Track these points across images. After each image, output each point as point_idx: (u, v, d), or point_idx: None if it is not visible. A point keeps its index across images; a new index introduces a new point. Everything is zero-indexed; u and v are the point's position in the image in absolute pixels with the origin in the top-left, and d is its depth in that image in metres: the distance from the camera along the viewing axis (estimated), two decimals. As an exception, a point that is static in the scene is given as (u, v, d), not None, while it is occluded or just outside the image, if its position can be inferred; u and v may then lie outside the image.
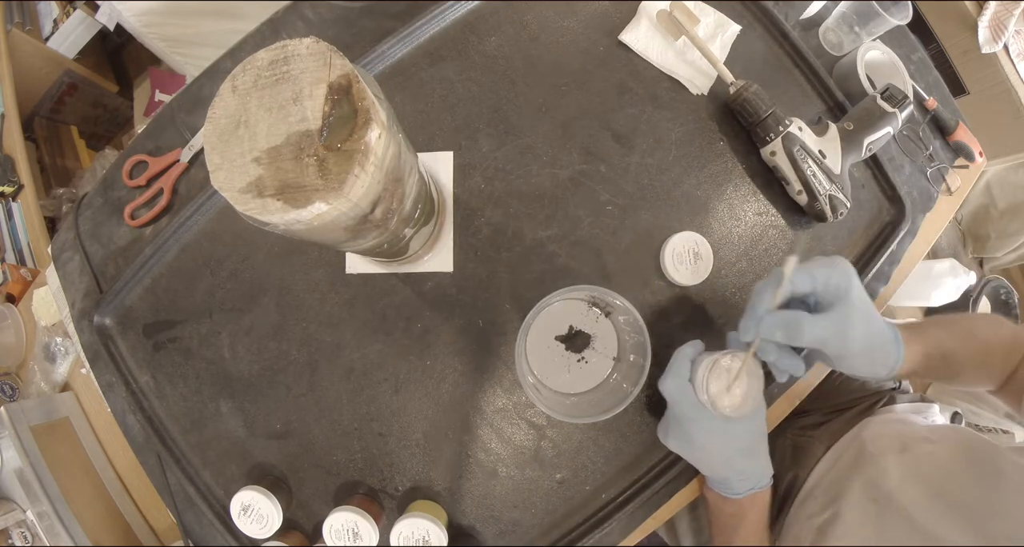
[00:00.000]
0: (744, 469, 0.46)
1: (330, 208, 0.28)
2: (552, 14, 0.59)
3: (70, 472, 0.61)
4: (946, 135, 0.62)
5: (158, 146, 0.61)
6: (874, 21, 0.56)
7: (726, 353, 0.43)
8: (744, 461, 0.46)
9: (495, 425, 0.53)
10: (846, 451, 0.56)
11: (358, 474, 0.53)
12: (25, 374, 0.68)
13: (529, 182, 0.55)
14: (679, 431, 0.45)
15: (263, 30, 0.61)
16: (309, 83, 0.29)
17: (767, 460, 0.48)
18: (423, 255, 0.54)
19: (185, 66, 1.18)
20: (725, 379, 0.42)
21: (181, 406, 0.56)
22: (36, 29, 1.21)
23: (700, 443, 0.45)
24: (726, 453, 0.45)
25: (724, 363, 0.42)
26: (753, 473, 0.47)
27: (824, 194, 0.52)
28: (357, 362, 0.54)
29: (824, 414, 0.65)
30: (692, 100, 0.57)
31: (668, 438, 0.47)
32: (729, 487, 0.47)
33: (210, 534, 0.54)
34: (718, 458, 0.45)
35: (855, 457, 0.53)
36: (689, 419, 0.44)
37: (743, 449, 0.46)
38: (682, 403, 0.44)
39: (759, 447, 0.47)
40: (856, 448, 0.55)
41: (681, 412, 0.44)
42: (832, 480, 0.53)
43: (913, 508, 0.42)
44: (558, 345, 0.51)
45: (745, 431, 0.45)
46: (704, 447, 0.45)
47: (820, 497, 0.52)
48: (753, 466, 0.47)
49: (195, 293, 0.57)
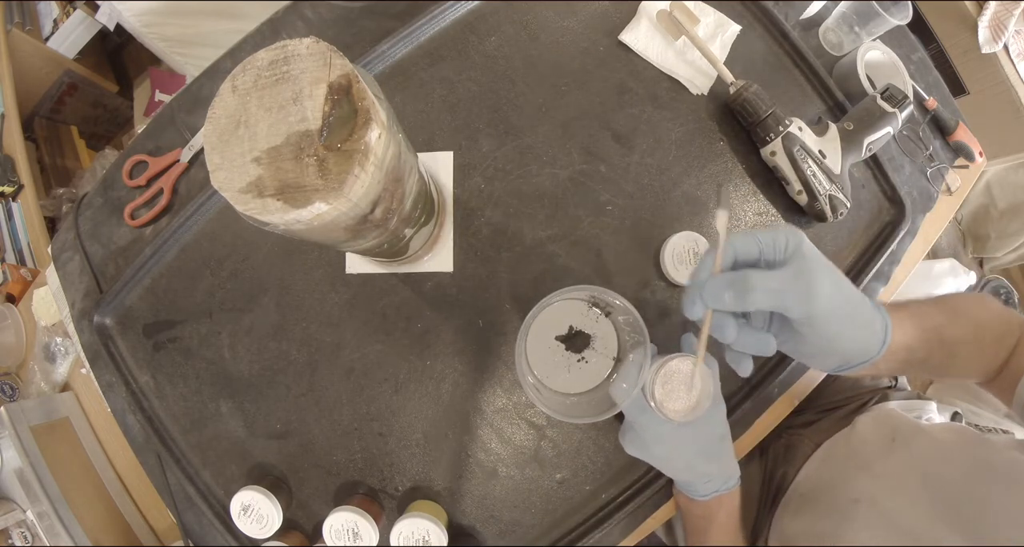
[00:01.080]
0: (706, 471, 0.45)
1: (330, 208, 0.28)
2: (552, 14, 0.59)
3: (70, 472, 0.61)
4: (946, 135, 0.61)
5: (158, 146, 0.61)
6: (874, 21, 0.56)
7: (675, 356, 0.41)
8: (705, 464, 0.45)
9: (495, 425, 0.53)
10: (834, 449, 0.56)
11: (358, 474, 0.53)
12: (25, 374, 0.68)
13: (529, 182, 0.55)
14: (634, 437, 0.45)
15: (263, 30, 0.61)
16: (309, 83, 0.29)
17: (731, 461, 0.47)
18: (423, 255, 0.54)
19: (185, 66, 1.18)
20: (673, 383, 0.41)
21: (181, 406, 0.56)
22: (36, 29, 1.21)
23: (654, 450, 0.44)
24: (684, 457, 0.44)
25: (672, 366, 0.41)
26: (717, 475, 0.46)
27: (824, 194, 0.52)
28: (357, 362, 0.54)
29: (818, 412, 0.65)
30: (692, 100, 0.57)
31: (626, 444, 0.46)
32: (694, 490, 0.46)
33: (210, 534, 0.54)
34: (677, 462, 0.45)
35: (843, 457, 0.53)
36: (641, 425, 0.43)
37: (702, 452, 0.45)
38: (633, 408, 0.42)
39: (720, 448, 0.46)
40: (844, 447, 0.55)
41: (633, 418, 0.43)
42: (819, 480, 0.53)
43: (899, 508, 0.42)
44: (558, 345, 0.51)
45: (700, 435, 0.44)
46: (659, 454, 0.44)
47: (808, 497, 0.52)
48: (716, 468, 0.46)
49: (195, 293, 0.57)
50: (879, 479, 0.46)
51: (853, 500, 0.45)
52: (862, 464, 0.50)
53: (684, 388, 0.40)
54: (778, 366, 0.53)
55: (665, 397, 0.41)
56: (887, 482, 0.45)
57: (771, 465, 0.62)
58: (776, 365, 0.53)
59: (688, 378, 0.40)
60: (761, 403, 0.53)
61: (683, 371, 0.41)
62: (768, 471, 0.62)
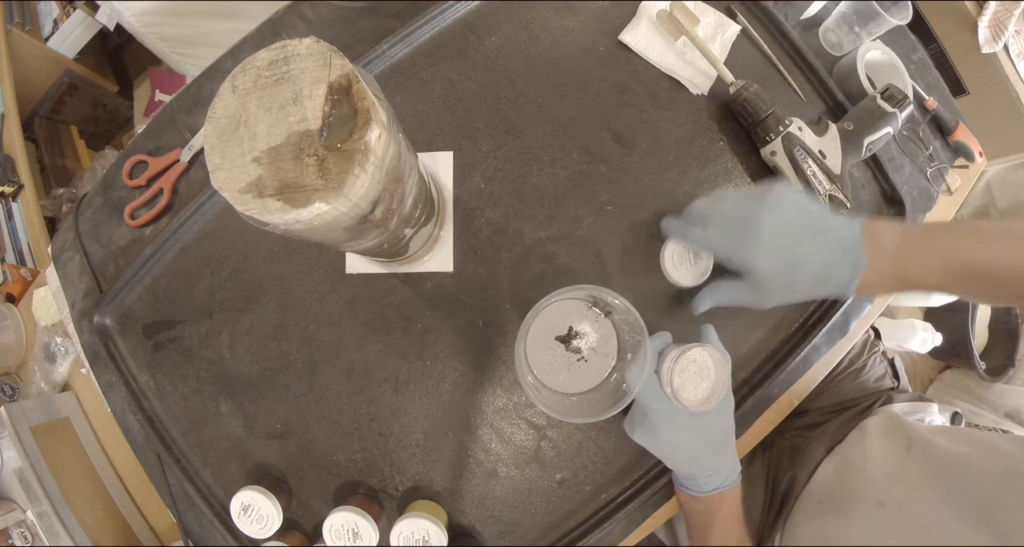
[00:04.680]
0: (711, 464, 0.45)
1: (330, 208, 0.28)
2: (552, 14, 0.59)
3: (70, 472, 0.61)
4: (946, 135, 0.62)
5: (158, 146, 0.61)
6: (874, 21, 0.56)
7: (693, 346, 0.42)
8: (711, 456, 0.45)
9: (495, 425, 0.53)
10: (849, 455, 0.55)
11: (358, 474, 0.53)
12: (25, 374, 0.68)
13: (529, 182, 0.55)
14: (645, 423, 0.44)
15: (263, 30, 0.61)
16: (309, 83, 0.29)
17: (734, 457, 0.47)
18: (423, 255, 0.54)
19: (185, 66, 1.18)
20: (690, 372, 0.41)
21: (181, 406, 0.56)
22: (36, 29, 1.21)
23: (665, 437, 0.43)
24: (693, 448, 0.44)
25: (690, 355, 0.41)
26: (720, 469, 0.46)
27: (824, 194, 0.52)
28: (357, 362, 0.54)
29: (822, 414, 0.65)
30: (692, 100, 0.57)
31: (634, 431, 0.46)
32: (696, 484, 0.46)
33: (210, 534, 0.54)
34: (684, 453, 0.45)
35: (860, 462, 0.53)
36: (654, 411, 0.43)
37: (710, 444, 0.45)
38: (646, 394, 0.43)
39: (727, 443, 0.46)
40: (859, 452, 0.54)
41: (646, 403, 0.43)
42: (837, 485, 0.53)
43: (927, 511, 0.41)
44: (558, 345, 0.51)
45: (711, 426, 0.44)
46: (669, 441, 0.44)
47: (827, 502, 0.51)
48: (720, 462, 0.46)
49: (195, 293, 0.57)
50: (902, 485, 0.45)
51: (879, 504, 0.45)
52: (882, 470, 0.49)
53: (700, 378, 0.41)
54: (778, 366, 0.53)
55: (681, 386, 0.41)
56: (912, 487, 0.44)
57: (775, 467, 0.62)
58: (776, 365, 0.53)
59: (704, 368, 0.41)
60: (761, 402, 0.53)
61: (700, 361, 0.42)
62: (772, 472, 0.62)
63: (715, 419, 0.45)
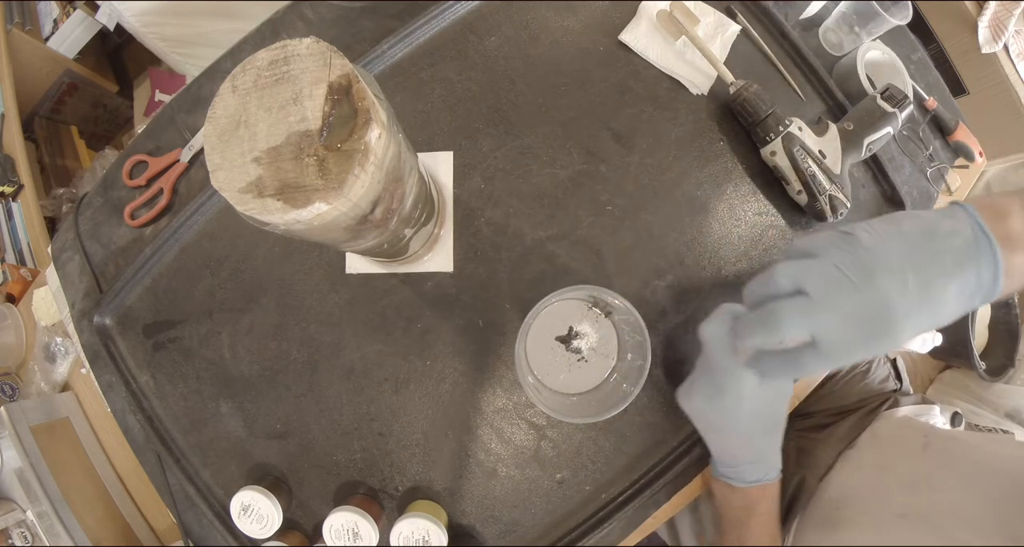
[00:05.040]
0: (761, 448, 0.44)
1: (330, 208, 0.28)
2: (552, 14, 0.59)
3: (70, 472, 0.61)
4: (946, 135, 0.62)
5: (158, 146, 0.61)
6: (874, 21, 0.56)
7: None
8: (763, 438, 0.43)
9: (495, 425, 0.53)
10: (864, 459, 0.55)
11: (358, 474, 0.53)
12: (25, 374, 0.68)
13: (529, 182, 0.55)
14: (708, 385, 0.41)
15: (263, 30, 0.61)
16: (309, 83, 0.29)
17: (778, 450, 0.45)
18: (423, 255, 0.54)
19: (185, 66, 1.18)
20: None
21: (181, 406, 0.56)
22: (36, 29, 1.21)
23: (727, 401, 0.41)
24: (747, 423, 0.42)
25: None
26: (766, 457, 0.44)
27: (824, 194, 0.52)
28: (357, 362, 0.54)
29: (828, 416, 0.65)
30: (692, 100, 0.57)
31: (692, 395, 0.43)
32: (739, 473, 0.44)
33: (210, 534, 0.54)
34: (737, 426, 0.42)
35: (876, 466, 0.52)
36: (722, 369, 0.40)
37: (762, 423, 0.42)
38: (719, 351, 0.39)
39: (776, 431, 0.44)
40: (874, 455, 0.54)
41: (716, 361, 0.40)
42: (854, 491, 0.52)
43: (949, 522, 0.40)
44: (558, 345, 0.51)
45: (771, 406, 0.42)
46: (728, 407, 0.41)
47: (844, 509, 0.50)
48: (768, 447, 0.44)
49: (195, 293, 0.57)
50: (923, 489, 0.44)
51: (901, 516, 0.43)
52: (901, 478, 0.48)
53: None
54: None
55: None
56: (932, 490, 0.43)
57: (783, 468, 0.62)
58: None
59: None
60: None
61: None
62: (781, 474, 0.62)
63: (774, 400, 0.42)
